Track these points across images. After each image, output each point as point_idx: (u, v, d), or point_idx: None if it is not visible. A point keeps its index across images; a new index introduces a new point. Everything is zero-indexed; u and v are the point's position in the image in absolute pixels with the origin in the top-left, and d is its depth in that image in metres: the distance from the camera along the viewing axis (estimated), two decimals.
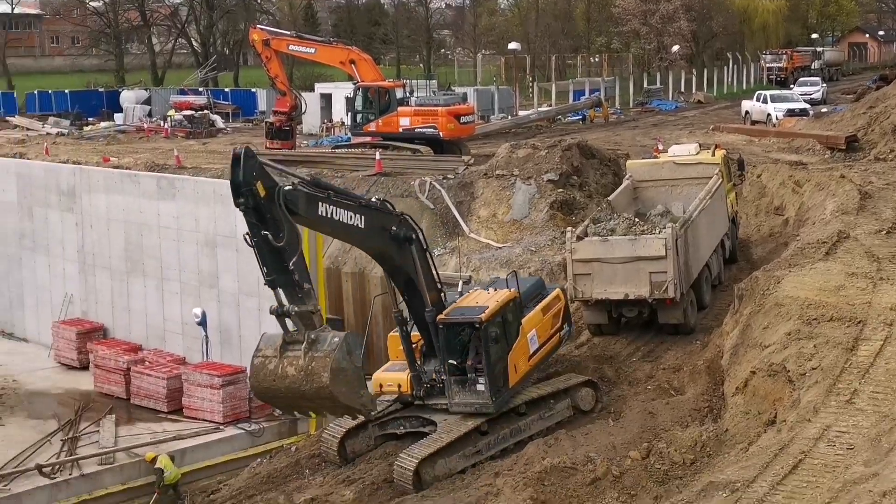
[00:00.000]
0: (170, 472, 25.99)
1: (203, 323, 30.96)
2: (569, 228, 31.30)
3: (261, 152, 48.72)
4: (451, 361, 25.02)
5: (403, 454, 24.47)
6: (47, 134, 69.43)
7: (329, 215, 22.21)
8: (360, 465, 25.85)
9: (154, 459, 26.14)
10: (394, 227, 23.97)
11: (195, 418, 29.45)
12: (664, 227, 29.23)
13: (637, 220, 30.46)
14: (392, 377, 25.88)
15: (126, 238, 33.59)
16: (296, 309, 20.65)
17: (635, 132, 54.12)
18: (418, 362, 25.40)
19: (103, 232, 34.36)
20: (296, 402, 21.41)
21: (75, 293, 35.40)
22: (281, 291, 20.69)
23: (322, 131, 67.79)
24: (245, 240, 20.83)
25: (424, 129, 49.25)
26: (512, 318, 25.63)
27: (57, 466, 26.60)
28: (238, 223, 30.10)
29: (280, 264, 20.65)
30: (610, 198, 32.61)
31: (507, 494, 21.48)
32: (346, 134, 59.29)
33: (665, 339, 30.01)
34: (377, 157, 43.46)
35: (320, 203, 22.00)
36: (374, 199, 24.43)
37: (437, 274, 25.47)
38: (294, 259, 20.79)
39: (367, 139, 50.57)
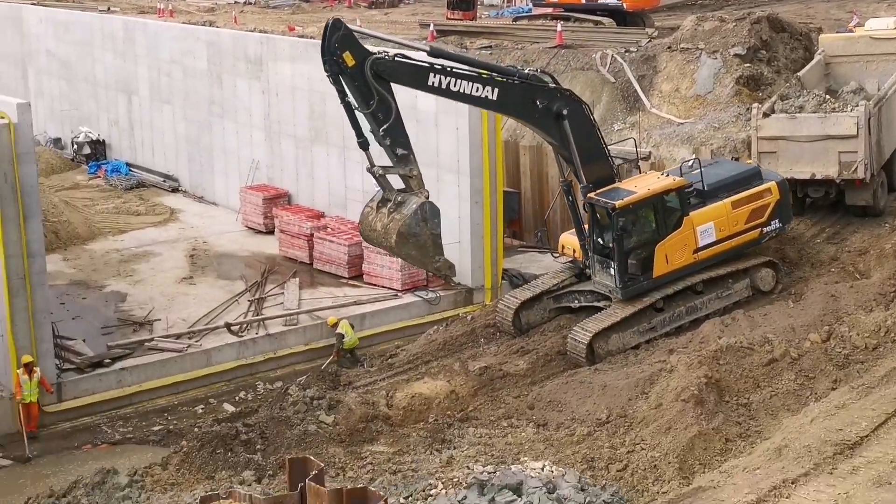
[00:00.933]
0: (349, 337, 26.88)
1: None
2: (755, 105, 30.40)
3: (441, 22, 48.82)
4: (597, 239, 24.99)
5: (577, 328, 24.70)
6: (235, 2, 70.84)
7: (443, 86, 22.70)
8: (535, 337, 26.21)
9: (336, 325, 27.05)
10: (539, 101, 23.83)
11: (374, 285, 30.25)
12: (856, 105, 28.08)
13: (828, 97, 29.33)
14: (572, 241, 26.20)
15: (310, 107, 34.24)
16: (380, 171, 22.01)
17: (829, 5, 51.66)
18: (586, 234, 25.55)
19: (288, 100, 35.10)
20: (389, 252, 23.33)
21: (262, 160, 36.46)
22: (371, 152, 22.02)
23: (503, 2, 67.04)
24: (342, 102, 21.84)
25: (607, 1, 48.21)
26: (669, 207, 25.08)
27: (244, 325, 27.83)
28: (418, 94, 30.40)
29: (374, 128, 21.77)
30: (800, 73, 31.49)
31: (681, 372, 21.46)
32: (527, 5, 58.47)
33: (852, 221, 29.11)
34: (558, 28, 42.79)
35: (430, 74, 22.45)
36: (528, 71, 24.34)
37: (605, 148, 25.23)
38: (386, 125, 21.75)
39: (549, 10, 49.84)
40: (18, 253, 24.13)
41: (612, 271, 24.84)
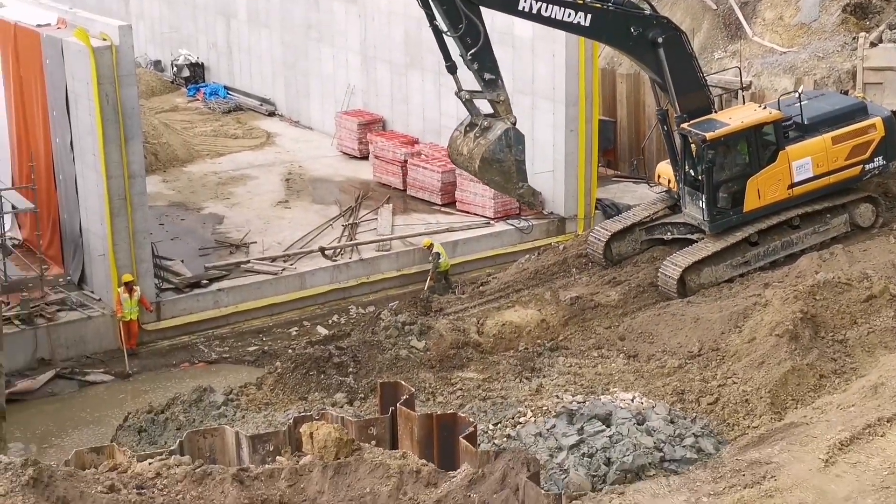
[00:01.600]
0: (444, 258, 26.99)
1: None
2: (861, 34, 29.50)
3: None
4: (689, 171, 24.60)
5: (668, 261, 24.47)
6: None
7: (534, 10, 22.39)
8: (627, 268, 26.05)
9: (430, 246, 27.21)
10: (634, 28, 23.42)
11: (467, 212, 30.27)
12: None
13: None
14: (668, 171, 25.93)
15: (405, 32, 34.08)
16: (466, 96, 21.93)
17: None
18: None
19: (384, 25, 34.96)
20: (473, 176, 23.52)
21: (357, 85, 36.47)
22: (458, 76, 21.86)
23: None
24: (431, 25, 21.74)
25: None
26: (765, 141, 24.54)
27: (338, 250, 28.11)
28: (514, 20, 30.05)
29: (462, 52, 21.60)
30: None
31: (776, 306, 21.18)
32: None
33: None
34: None
35: None
36: None
37: (703, 78, 24.72)
38: (474, 50, 21.54)
39: None
40: (120, 174, 24.62)
41: (701, 204, 24.51)
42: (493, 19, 30.86)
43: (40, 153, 26.75)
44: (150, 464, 12.91)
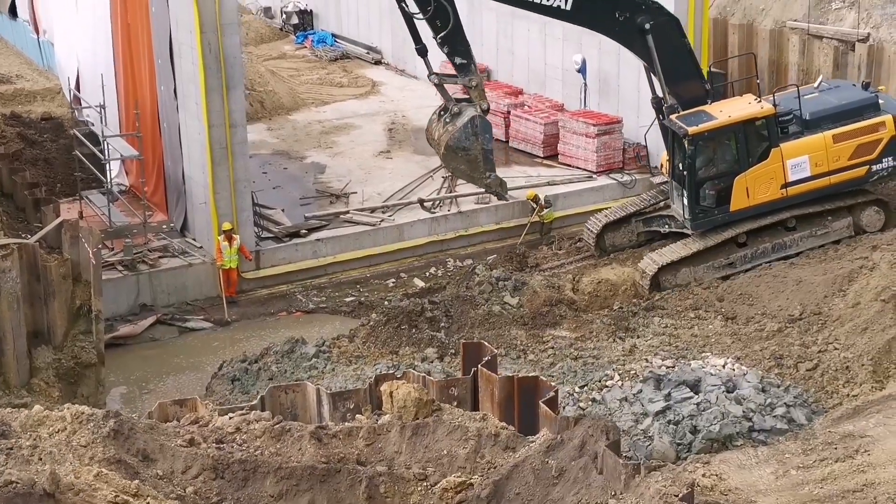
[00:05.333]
0: (549, 208, 26.63)
1: (583, 70, 30.82)
2: None
3: None
4: (677, 164, 23.33)
5: (646, 258, 23.45)
6: None
7: None
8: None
9: (535, 198, 26.85)
10: (619, 13, 22.23)
11: (569, 165, 29.84)
12: None
13: None
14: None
15: None
16: (436, 80, 21.68)
17: None
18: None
19: None
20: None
21: None
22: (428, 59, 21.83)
23: None
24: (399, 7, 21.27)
25: None
26: (755, 137, 23.08)
27: (437, 202, 27.99)
28: None
29: (433, 35, 21.19)
30: None
31: (884, 270, 20.46)
32: None
33: None
34: None
35: None
36: None
37: (696, 66, 23.49)
38: (444, 33, 21.06)
39: None
40: (221, 122, 24.80)
41: (684, 200, 23.29)
42: None
43: (146, 101, 27.12)
44: (230, 418, 13.01)
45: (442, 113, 21.98)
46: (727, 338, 20.33)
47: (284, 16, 44.79)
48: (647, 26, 22.45)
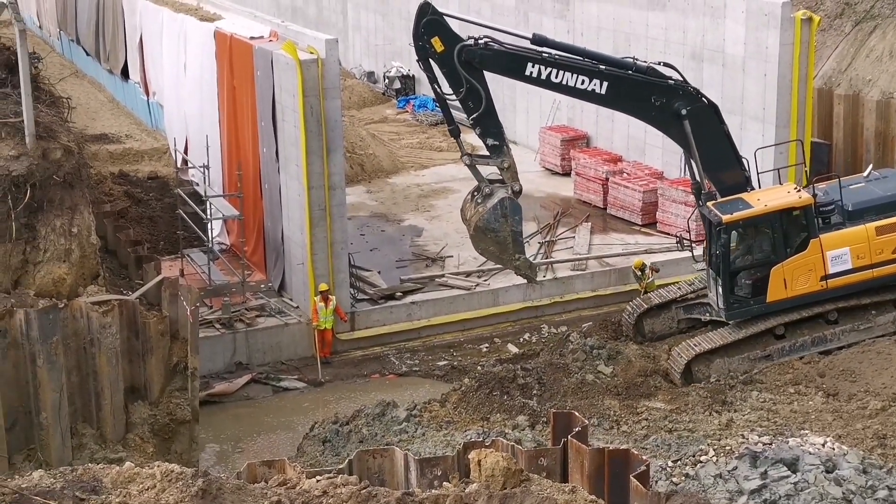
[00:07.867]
0: (652, 278, 26.32)
1: None
2: None
3: None
4: (714, 252, 22.54)
5: (680, 346, 22.70)
6: None
7: (543, 76, 21.18)
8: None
9: (642, 266, 26.54)
10: (656, 98, 21.70)
11: (667, 233, 29.54)
12: None
13: None
14: None
15: (614, 47, 33.54)
16: (468, 161, 21.43)
17: None
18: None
19: (592, 40, 34.51)
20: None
21: (563, 100, 36.14)
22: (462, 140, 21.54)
23: None
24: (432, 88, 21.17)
25: None
26: (792, 228, 22.31)
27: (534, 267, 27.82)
28: (726, 36, 29.15)
29: (466, 116, 20.97)
30: None
31: None
32: None
33: None
34: None
35: (528, 63, 21.04)
36: (646, 64, 21.87)
37: (735, 153, 22.67)
38: (476, 114, 20.88)
39: None
40: (321, 185, 25.12)
41: (719, 289, 22.53)
42: (703, 36, 30.19)
43: (249, 162, 27.64)
44: (317, 481, 12.97)
45: (475, 193, 21.90)
46: (828, 415, 19.74)
47: (387, 80, 45.43)
48: (684, 112, 21.98)
